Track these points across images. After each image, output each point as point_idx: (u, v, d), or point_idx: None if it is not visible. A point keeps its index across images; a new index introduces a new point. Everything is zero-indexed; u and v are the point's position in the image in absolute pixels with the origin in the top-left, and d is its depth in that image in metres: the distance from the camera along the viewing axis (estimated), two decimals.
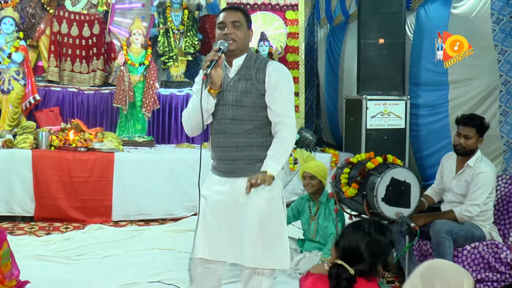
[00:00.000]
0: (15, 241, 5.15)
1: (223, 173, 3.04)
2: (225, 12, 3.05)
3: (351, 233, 2.54)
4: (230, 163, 3.00)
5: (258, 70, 2.98)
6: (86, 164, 6.21)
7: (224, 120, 2.99)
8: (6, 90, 7.17)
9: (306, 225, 4.66)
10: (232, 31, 2.96)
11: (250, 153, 2.98)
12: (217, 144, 3.06)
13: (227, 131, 2.99)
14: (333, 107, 8.79)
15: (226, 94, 2.97)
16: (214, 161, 3.11)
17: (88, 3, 8.08)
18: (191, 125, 3.08)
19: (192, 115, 3.02)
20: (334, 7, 8.57)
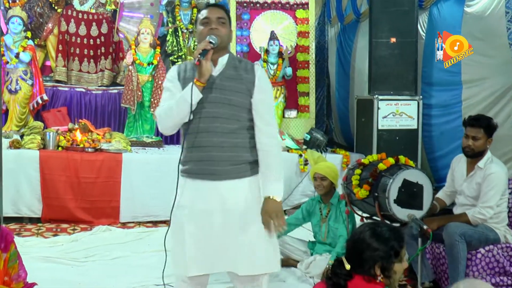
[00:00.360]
0: (22, 242, 5.18)
1: (205, 175, 2.89)
2: (209, 9, 2.99)
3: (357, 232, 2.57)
4: (214, 164, 2.87)
5: (247, 71, 2.94)
6: (94, 164, 6.22)
7: (208, 118, 2.88)
8: (14, 90, 7.21)
9: (317, 227, 4.64)
10: (217, 27, 2.92)
11: (235, 153, 2.89)
12: (198, 143, 2.89)
13: (212, 130, 2.87)
14: (344, 107, 8.76)
15: (211, 91, 2.88)
16: (189, 164, 2.92)
17: (96, 2, 8.11)
18: (173, 122, 2.93)
19: (176, 110, 2.87)
20: (345, 6, 8.54)
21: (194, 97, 2.80)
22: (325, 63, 9.42)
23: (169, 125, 2.95)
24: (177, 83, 2.96)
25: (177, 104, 2.86)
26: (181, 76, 2.97)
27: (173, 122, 2.92)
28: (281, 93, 7.81)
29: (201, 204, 2.86)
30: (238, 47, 8.18)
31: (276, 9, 8.27)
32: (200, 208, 2.86)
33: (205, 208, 2.85)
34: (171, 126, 2.95)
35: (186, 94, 2.82)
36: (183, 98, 2.83)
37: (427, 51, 6.78)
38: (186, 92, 2.83)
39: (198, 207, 2.86)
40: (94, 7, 8.11)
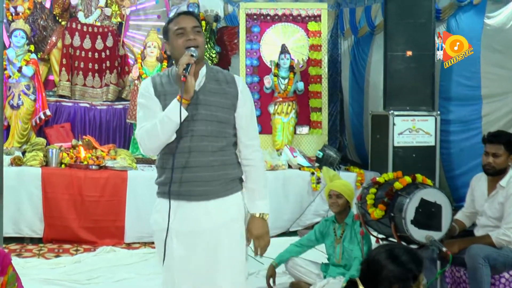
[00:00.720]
0: (23, 263, 5.19)
1: (192, 197, 2.83)
2: (182, 17, 2.90)
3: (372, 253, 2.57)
4: (204, 185, 2.83)
5: (229, 84, 2.91)
6: (98, 182, 6.24)
7: (195, 136, 2.81)
8: (16, 105, 7.26)
9: (331, 249, 4.61)
10: (195, 37, 2.84)
11: (224, 172, 2.87)
12: (183, 164, 2.81)
13: (199, 149, 2.81)
14: (358, 123, 8.75)
15: (197, 108, 2.80)
16: (169, 185, 2.81)
17: (101, 15, 8.18)
18: (158, 143, 2.82)
19: (161, 130, 2.75)
20: (359, 18, 8.57)
21: (175, 116, 2.71)
22: (338, 77, 9.42)
23: (153, 146, 2.85)
24: (154, 99, 2.86)
25: (162, 124, 2.75)
26: (158, 91, 2.87)
27: (158, 143, 2.82)
28: (293, 108, 7.82)
29: (190, 226, 2.83)
30: (247, 61, 8.21)
31: (287, 22, 8.31)
32: (189, 230, 2.83)
33: (194, 230, 2.82)
34: (155, 147, 2.86)
35: (171, 113, 2.73)
36: (167, 117, 2.73)
37: None
38: (170, 110, 2.74)
39: (186, 229, 2.82)
40: (99, 20, 8.18)
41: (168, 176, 2.82)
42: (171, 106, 2.75)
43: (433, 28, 6.76)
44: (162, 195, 2.90)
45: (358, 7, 8.67)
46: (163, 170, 2.90)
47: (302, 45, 8.29)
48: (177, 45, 2.85)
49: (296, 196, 6.90)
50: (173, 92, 2.81)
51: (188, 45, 2.80)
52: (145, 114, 2.86)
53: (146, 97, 2.88)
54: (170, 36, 2.90)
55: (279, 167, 7.05)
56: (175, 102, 2.73)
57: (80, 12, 8.08)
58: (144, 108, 2.88)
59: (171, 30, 2.89)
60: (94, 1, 8.17)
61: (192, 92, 2.75)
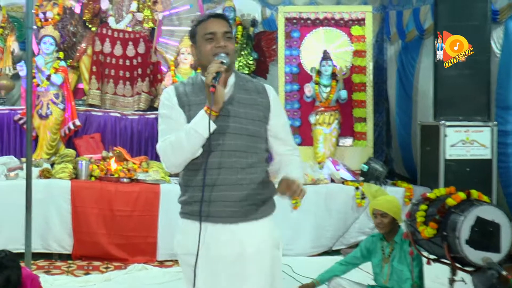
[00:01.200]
0: (51, 281, 5.27)
1: (219, 218, 2.72)
2: (212, 21, 2.81)
3: None
4: (231, 205, 2.72)
5: (260, 94, 2.86)
6: (129, 196, 6.31)
7: (223, 152, 2.72)
8: (44, 115, 7.37)
9: (378, 268, 4.55)
10: (225, 43, 2.76)
11: (254, 191, 2.76)
12: (212, 182, 2.70)
13: (228, 166, 2.71)
14: (406, 134, 8.66)
15: (225, 120, 2.71)
16: (194, 204, 2.73)
17: (133, 20, 8.28)
18: (183, 159, 2.72)
19: (186, 145, 2.66)
20: (406, 21, 8.50)
21: (203, 129, 2.62)
22: (384, 85, 9.36)
23: (177, 162, 2.74)
24: (178, 109, 2.77)
25: (188, 137, 2.65)
26: (182, 101, 2.79)
27: (182, 158, 2.72)
28: (335, 118, 7.79)
29: (215, 252, 2.72)
30: (287, 68, 8.22)
31: (329, 26, 8.30)
32: (213, 256, 2.73)
33: (219, 256, 2.72)
34: (180, 163, 2.75)
35: (198, 126, 2.64)
36: (194, 130, 2.64)
37: (503, 70, 6.67)
38: (197, 123, 2.65)
39: (211, 254, 2.72)
40: (130, 25, 8.28)
41: (194, 195, 2.74)
42: (198, 118, 2.65)
43: (489, 31, 6.67)
44: (187, 216, 2.80)
45: (406, 9, 8.60)
46: (187, 188, 2.80)
47: (345, 50, 8.26)
48: (205, 51, 2.78)
49: (339, 212, 6.86)
50: (199, 103, 2.73)
51: (217, 52, 2.74)
52: (168, 126, 2.77)
53: (169, 108, 2.79)
54: (197, 40, 2.83)
55: (321, 181, 7.01)
56: (202, 114, 2.64)
57: (110, 18, 8.20)
58: (167, 120, 2.80)
59: (199, 34, 2.82)
60: (126, 6, 8.28)
61: (222, 103, 2.66)
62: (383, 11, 9.32)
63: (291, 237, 6.63)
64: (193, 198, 2.74)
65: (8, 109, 7.63)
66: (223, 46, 2.75)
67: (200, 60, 2.84)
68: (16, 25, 8.15)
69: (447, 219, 3.97)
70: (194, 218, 2.72)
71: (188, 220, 2.78)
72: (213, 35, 2.76)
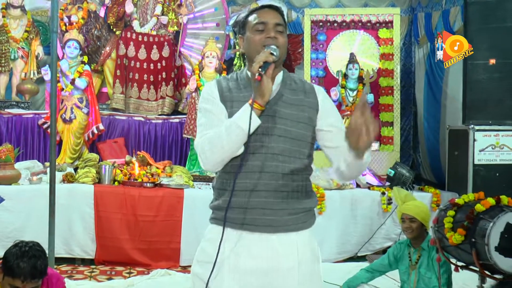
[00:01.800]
0: (74, 286, 5.32)
1: (256, 227, 2.54)
2: (265, 11, 2.65)
3: None
4: (270, 214, 2.54)
5: (307, 93, 2.68)
6: (153, 201, 6.33)
7: (266, 155, 2.54)
8: (68, 119, 7.46)
9: (405, 275, 4.53)
10: (276, 35, 2.60)
11: (294, 199, 2.58)
12: (252, 187, 2.53)
13: (269, 170, 2.53)
14: (434, 139, 8.60)
15: (269, 120, 2.55)
16: (234, 211, 2.54)
17: (157, 23, 8.34)
18: (222, 157, 2.53)
19: (226, 141, 2.48)
20: (435, 23, 8.45)
21: (253, 123, 2.45)
22: (412, 89, 9.31)
23: (216, 160, 2.54)
24: (220, 105, 2.61)
25: (228, 132, 2.47)
26: (225, 96, 2.63)
27: (221, 157, 2.53)
28: None
29: (250, 263, 2.53)
30: (313, 71, 8.23)
31: (356, 29, 8.29)
32: (247, 268, 2.54)
33: (252, 268, 2.53)
34: (218, 161, 2.55)
35: (240, 120, 2.46)
36: (236, 125, 2.46)
37: None
38: (239, 116, 2.48)
39: (244, 266, 2.53)
40: (155, 29, 8.34)
41: (222, 199, 2.59)
42: (241, 112, 2.48)
43: None
44: (218, 222, 2.60)
45: (435, 11, 8.56)
46: (222, 192, 2.62)
47: (372, 53, 8.24)
48: (254, 41, 2.62)
49: (365, 218, 6.83)
50: (242, 100, 2.56)
51: (267, 43, 2.57)
52: (208, 121, 2.59)
53: (210, 102, 2.63)
54: (247, 30, 2.67)
55: (347, 186, 7.00)
56: (246, 107, 2.47)
57: (135, 21, 8.27)
58: (207, 114, 2.62)
59: (249, 23, 2.66)
60: (150, 9, 8.35)
61: (268, 96, 2.49)
62: (411, 13, 9.29)
63: None
64: (221, 203, 2.59)
65: (32, 113, 7.72)
66: (273, 37, 2.58)
67: (248, 52, 2.68)
68: (41, 29, 8.27)
69: (476, 225, 3.93)
70: (228, 224, 2.53)
71: (219, 226, 2.56)
72: (264, 26, 2.61)
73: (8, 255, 3.22)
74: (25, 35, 8.00)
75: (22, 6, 7.99)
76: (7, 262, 3.20)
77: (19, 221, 5.97)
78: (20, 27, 7.99)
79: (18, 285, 3.17)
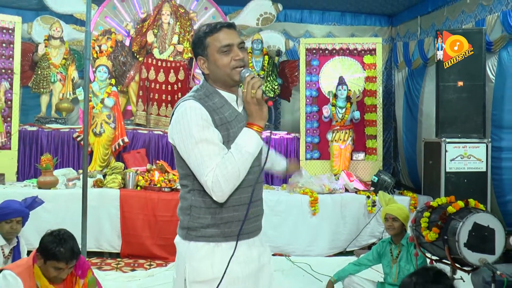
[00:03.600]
0: (103, 276, 5.31)
1: (252, 233, 2.39)
2: (227, 32, 2.33)
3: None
4: (257, 220, 2.42)
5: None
6: (170, 204, 6.32)
7: (259, 167, 2.38)
8: (98, 133, 7.49)
9: (388, 268, 4.52)
10: (242, 54, 2.32)
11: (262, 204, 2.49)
12: (249, 200, 2.29)
13: (259, 181, 2.38)
14: (411, 150, 8.60)
15: None
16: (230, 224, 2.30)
17: (174, 51, 8.38)
18: (237, 184, 2.23)
19: (243, 168, 2.21)
20: (412, 51, 8.47)
21: (253, 147, 2.24)
22: (392, 107, 9.32)
23: (231, 189, 2.23)
24: (215, 130, 2.25)
25: (243, 163, 2.21)
26: (217, 120, 2.27)
27: (236, 185, 2.23)
28: (349, 136, 7.78)
29: (250, 268, 2.35)
30: (307, 92, 8.23)
31: (344, 55, 8.30)
32: (248, 273, 2.35)
33: (248, 273, 2.34)
34: (232, 188, 2.23)
35: (250, 147, 2.22)
36: (248, 154, 2.21)
37: (497, 94, 6.59)
38: (247, 143, 2.22)
39: (247, 271, 2.34)
40: (172, 56, 8.38)
41: (230, 215, 2.30)
42: (246, 139, 2.22)
43: (484, 59, 6.60)
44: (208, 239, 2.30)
45: (411, 41, 8.59)
46: (214, 210, 2.30)
47: (358, 77, 8.25)
48: (223, 65, 2.30)
49: (352, 218, 6.82)
50: (230, 119, 2.30)
51: (236, 65, 2.29)
52: (214, 150, 2.21)
53: (206, 128, 2.22)
54: (209, 53, 2.32)
55: (337, 191, 6.99)
56: (251, 133, 2.23)
57: (155, 49, 8.31)
58: (206, 145, 2.21)
59: (212, 46, 2.31)
60: (168, 39, 8.39)
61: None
62: (391, 42, 9.32)
63: (310, 240, 6.60)
64: (229, 218, 2.30)
65: (68, 128, 7.75)
66: (242, 58, 2.30)
67: (215, 74, 2.34)
68: (76, 56, 8.30)
69: (448, 224, 3.93)
70: (226, 239, 2.30)
71: (209, 243, 2.30)
72: (230, 47, 2.30)
73: (47, 243, 3.24)
74: (63, 62, 8.03)
75: (61, 37, 8.03)
76: (49, 250, 3.21)
77: (57, 220, 5.97)
78: (59, 55, 8.02)
79: (61, 266, 3.21)
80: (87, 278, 3.54)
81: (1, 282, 3.19)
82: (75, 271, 3.45)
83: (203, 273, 2.28)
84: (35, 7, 8.41)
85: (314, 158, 8.14)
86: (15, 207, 4.10)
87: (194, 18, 8.58)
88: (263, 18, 8.70)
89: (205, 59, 2.36)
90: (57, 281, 3.27)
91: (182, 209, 2.41)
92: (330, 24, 9.26)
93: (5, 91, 7.31)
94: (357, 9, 9.05)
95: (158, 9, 8.38)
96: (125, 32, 8.50)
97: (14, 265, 3.36)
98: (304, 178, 7.05)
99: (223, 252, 2.28)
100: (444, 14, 7.71)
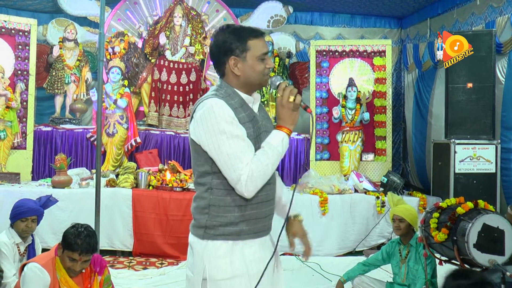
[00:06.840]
0: (115, 274, 5.33)
1: (264, 232, 2.40)
2: (263, 39, 2.37)
3: None
4: (270, 219, 2.43)
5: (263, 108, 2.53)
6: (181, 203, 6.34)
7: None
8: (111, 133, 7.52)
9: (397, 268, 4.50)
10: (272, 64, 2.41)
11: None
12: (266, 198, 2.34)
13: (272, 181, 2.39)
14: (421, 151, 8.55)
15: (265, 136, 2.34)
16: (247, 222, 2.30)
17: (186, 53, 8.39)
18: (266, 180, 2.28)
19: (272, 166, 2.25)
20: (422, 53, 8.42)
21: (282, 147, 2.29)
22: (402, 108, 9.27)
23: (263, 183, 2.26)
24: (241, 126, 2.26)
25: (275, 159, 2.25)
26: (240, 118, 2.27)
27: (267, 179, 2.28)
28: (359, 137, 7.76)
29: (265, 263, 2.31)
30: (317, 93, 8.22)
31: (354, 57, 8.28)
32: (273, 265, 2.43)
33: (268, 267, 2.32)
34: (262, 184, 2.26)
35: (280, 147, 2.26)
36: (278, 153, 2.26)
37: (507, 95, 6.54)
38: (280, 143, 2.26)
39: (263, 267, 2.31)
40: (184, 57, 8.39)
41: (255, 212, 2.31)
42: (279, 138, 2.28)
43: (493, 61, 6.55)
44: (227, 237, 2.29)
45: (421, 43, 8.54)
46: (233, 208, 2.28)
47: (368, 78, 8.22)
48: (259, 70, 2.33)
49: (362, 218, 6.80)
50: (252, 118, 2.32)
51: (268, 73, 2.36)
52: (244, 146, 2.22)
53: (234, 125, 2.23)
54: (248, 56, 2.32)
55: (346, 191, 6.97)
56: (282, 135, 2.28)
57: (167, 51, 8.32)
58: (239, 140, 2.22)
59: (253, 50, 2.32)
60: (180, 41, 8.40)
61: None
62: (401, 44, 9.27)
63: (320, 239, 6.58)
64: (252, 216, 2.31)
65: (82, 128, 7.79)
66: (272, 67, 2.40)
67: (247, 77, 2.33)
68: (90, 58, 8.35)
69: (457, 225, 3.90)
70: (244, 237, 2.30)
71: (230, 241, 2.29)
72: (266, 56, 2.35)
73: (68, 234, 3.33)
74: (77, 63, 8.07)
75: (75, 40, 8.08)
76: (67, 239, 3.31)
77: (71, 219, 5.97)
78: (73, 56, 8.06)
79: (75, 257, 3.29)
80: (104, 275, 3.59)
81: (29, 275, 3.27)
82: (94, 267, 3.50)
83: (222, 271, 2.28)
84: (50, 10, 8.45)
85: (324, 159, 8.12)
86: (30, 205, 4.13)
87: (206, 20, 8.59)
88: (274, 20, 8.70)
89: (239, 60, 2.33)
90: (72, 273, 3.35)
91: (199, 208, 2.37)
92: (340, 26, 9.23)
93: (21, 92, 7.36)
94: (367, 11, 9.02)
95: (170, 11, 8.40)
96: (137, 34, 8.52)
97: (39, 258, 3.46)
98: (314, 178, 7.04)
99: (241, 250, 2.29)
100: (454, 16, 7.66)
